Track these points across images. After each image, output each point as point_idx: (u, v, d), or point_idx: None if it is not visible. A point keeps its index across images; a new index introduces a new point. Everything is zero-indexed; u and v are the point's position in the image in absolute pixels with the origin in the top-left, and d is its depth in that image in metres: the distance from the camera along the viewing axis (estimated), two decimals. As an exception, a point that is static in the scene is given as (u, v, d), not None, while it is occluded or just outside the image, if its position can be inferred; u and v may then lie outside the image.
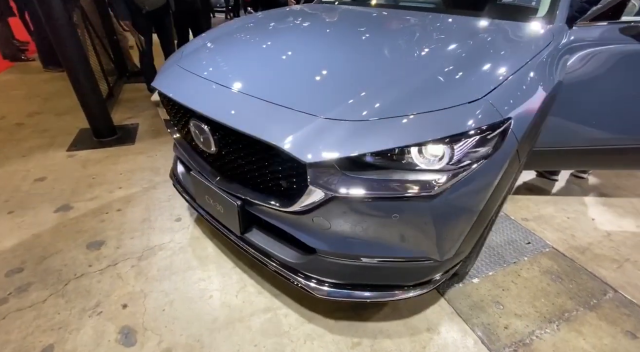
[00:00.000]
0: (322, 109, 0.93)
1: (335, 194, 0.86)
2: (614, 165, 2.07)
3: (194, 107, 1.08)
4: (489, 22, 1.43)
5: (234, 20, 1.87)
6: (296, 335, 1.27)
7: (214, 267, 1.55)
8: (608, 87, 1.58)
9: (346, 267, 1.08)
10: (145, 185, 2.14)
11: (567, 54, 1.40)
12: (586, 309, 1.43)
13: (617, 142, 1.76)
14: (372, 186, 0.85)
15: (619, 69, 1.56)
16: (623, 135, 1.75)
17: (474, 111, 0.87)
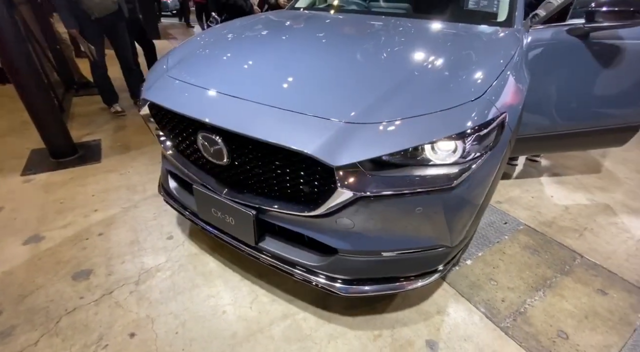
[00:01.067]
0: (340, 114, 0.97)
1: (367, 193, 0.91)
2: (565, 148, 2.37)
3: (207, 120, 1.05)
4: (462, 27, 1.57)
5: (215, 28, 1.83)
6: (319, 337, 1.29)
7: (221, 282, 1.51)
8: (559, 81, 1.83)
9: (368, 263, 1.13)
10: (125, 205, 2.00)
11: (528, 53, 1.59)
12: (562, 275, 1.64)
13: (567, 128, 2.03)
14: (399, 183, 0.91)
15: (567, 65, 1.80)
16: (572, 122, 2.02)
17: (478, 108, 0.98)
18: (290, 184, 1.07)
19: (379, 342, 1.28)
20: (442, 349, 1.26)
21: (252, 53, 1.39)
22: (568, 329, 1.37)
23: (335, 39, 1.52)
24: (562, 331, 1.36)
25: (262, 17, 1.96)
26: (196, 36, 1.72)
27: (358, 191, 0.91)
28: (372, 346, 1.26)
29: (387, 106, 0.98)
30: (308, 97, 1.08)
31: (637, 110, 2.02)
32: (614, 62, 1.82)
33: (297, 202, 1.08)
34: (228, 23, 1.88)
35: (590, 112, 2.01)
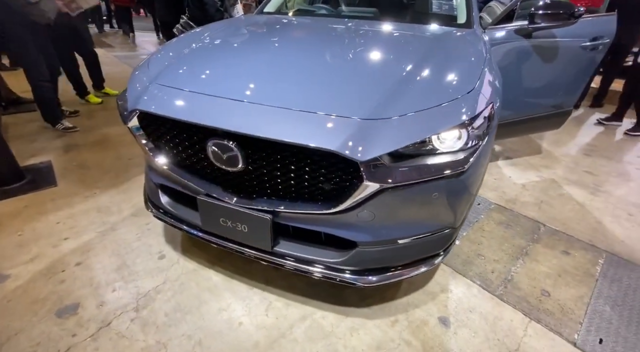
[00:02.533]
0: (355, 111, 1.02)
1: (392, 184, 0.97)
2: (513, 134, 2.70)
3: (222, 127, 1.03)
4: (434, 28, 1.73)
5: (193, 33, 1.76)
6: (341, 331, 1.32)
7: (229, 294, 1.46)
8: (509, 76, 2.08)
9: (385, 252, 1.19)
10: (100, 229, 1.82)
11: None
12: (533, 243, 1.87)
13: (515, 116, 2.32)
14: (419, 172, 0.99)
15: (515, 61, 2.07)
16: (520, 111, 2.32)
17: (473, 99, 1.10)
18: (309, 183, 1.09)
19: (397, 327, 1.35)
20: (454, 323, 1.37)
21: (246, 56, 1.38)
22: (548, 287, 1.57)
23: (326, 41, 1.57)
24: (544, 290, 1.56)
25: (240, 21, 1.94)
26: (175, 42, 1.64)
27: (383, 182, 0.97)
28: (391, 332, 1.32)
29: (396, 102, 1.06)
30: (317, 96, 1.11)
31: (568, 98, 2.39)
32: (551, 57, 2.13)
33: (316, 201, 1.11)
34: (206, 27, 1.82)
35: (534, 102, 2.33)
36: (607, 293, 1.56)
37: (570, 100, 2.39)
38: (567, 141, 3.40)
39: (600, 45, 2.16)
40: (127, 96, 1.30)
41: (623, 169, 2.84)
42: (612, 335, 1.36)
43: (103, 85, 4.12)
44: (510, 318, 1.40)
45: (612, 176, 2.71)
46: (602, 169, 2.82)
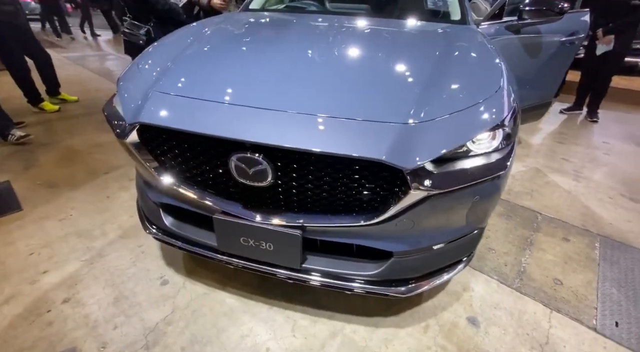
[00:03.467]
0: (393, 116, 0.96)
1: (439, 191, 0.92)
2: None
3: (251, 139, 0.91)
4: (436, 25, 1.71)
5: (186, 30, 1.59)
6: (375, 345, 1.26)
7: (249, 317, 1.34)
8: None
9: (421, 260, 1.15)
10: (85, 256, 1.61)
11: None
12: (535, 232, 1.94)
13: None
14: (464, 176, 0.95)
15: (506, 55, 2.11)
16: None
17: (502, 97, 1.07)
18: (345, 194, 1.01)
19: (429, 332, 1.32)
20: (482, 322, 1.37)
21: (256, 58, 1.26)
22: (559, 275, 1.63)
23: (336, 41, 1.47)
24: (556, 278, 1.61)
25: (233, 19, 1.79)
26: (164, 43, 1.47)
27: (429, 190, 0.91)
28: (425, 339, 1.29)
29: (429, 104, 1.00)
30: (346, 101, 1.03)
31: (550, 90, 2.51)
32: (536, 51, 2.22)
33: (350, 213, 1.03)
34: (194, 25, 1.66)
35: (523, 95, 2.40)
36: (610, 276, 1.65)
37: (551, 91, 2.51)
38: (538, 131, 3.60)
39: (576, 40, 2.29)
40: (122, 106, 1.13)
41: (594, 155, 3.05)
42: (625, 316, 1.43)
43: (59, 91, 3.70)
44: (533, 311, 1.43)
45: (586, 162, 2.90)
46: (576, 155, 3.02)
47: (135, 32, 2.43)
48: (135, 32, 2.44)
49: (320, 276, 1.16)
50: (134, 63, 1.34)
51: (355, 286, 1.15)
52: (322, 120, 0.95)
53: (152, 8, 2.35)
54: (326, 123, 0.94)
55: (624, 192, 2.40)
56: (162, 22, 2.38)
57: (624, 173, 2.71)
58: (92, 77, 5.03)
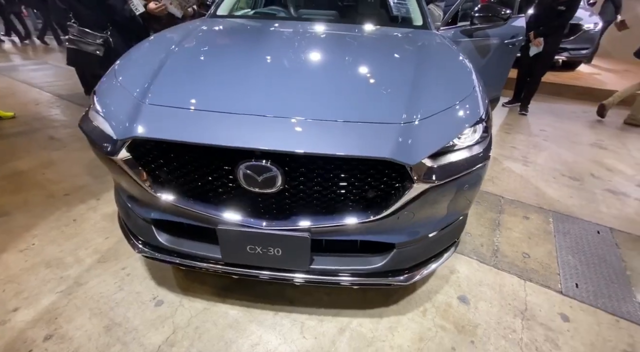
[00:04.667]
0: (391, 117, 1.03)
1: (436, 183, 1.00)
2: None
3: (261, 146, 0.92)
4: (402, 30, 1.83)
5: (161, 37, 1.52)
6: (382, 334, 1.33)
7: (256, 326, 1.33)
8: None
9: (419, 248, 1.24)
10: (60, 287, 1.46)
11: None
12: (501, 214, 2.16)
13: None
14: (457, 167, 1.05)
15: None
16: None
17: (478, 95, 1.21)
18: (351, 194, 1.06)
19: (428, 315, 1.42)
20: (471, 299, 1.51)
21: (245, 66, 1.26)
22: (526, 250, 1.84)
23: (318, 47, 1.52)
24: (524, 252, 1.82)
25: (208, 25, 1.75)
26: (141, 51, 1.40)
27: (430, 182, 1.00)
28: (425, 321, 1.39)
29: (419, 104, 1.09)
30: (343, 105, 1.08)
31: (498, 86, 2.80)
32: (486, 52, 2.47)
33: (356, 211, 1.08)
34: (167, 35, 1.59)
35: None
36: (565, 245, 1.90)
37: (499, 87, 2.81)
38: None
39: (516, 41, 2.59)
40: (109, 122, 1.07)
41: (535, 141, 3.46)
42: (582, 278, 1.67)
43: (-10, 107, 3.28)
44: (510, 283, 1.60)
45: (530, 148, 3.28)
46: (521, 143, 3.40)
47: (89, 41, 2.25)
48: (89, 40, 2.25)
49: (328, 274, 1.20)
50: (110, 75, 1.27)
51: (361, 280, 1.21)
52: (327, 125, 0.99)
53: (115, 16, 2.19)
54: (330, 127, 0.99)
55: (564, 172, 2.77)
56: (121, 31, 2.23)
57: (561, 156, 3.12)
58: (27, 89, 4.51)
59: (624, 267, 1.76)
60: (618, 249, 1.89)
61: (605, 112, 4.12)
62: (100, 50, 2.19)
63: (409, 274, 1.25)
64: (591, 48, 6.04)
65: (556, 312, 1.47)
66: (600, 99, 4.33)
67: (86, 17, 2.26)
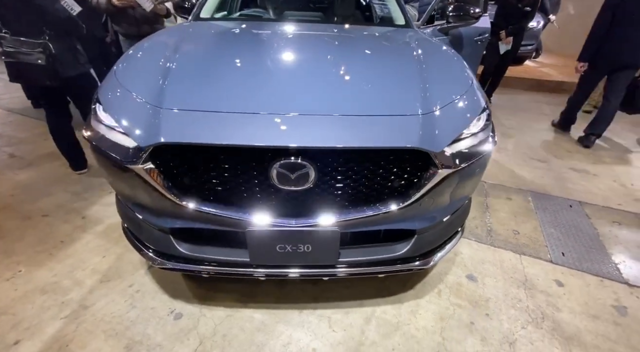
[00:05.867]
0: (410, 109, 1.09)
1: (458, 168, 1.08)
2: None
3: (297, 144, 0.94)
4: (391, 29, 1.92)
5: (155, 39, 1.45)
6: (406, 318, 1.39)
7: (284, 326, 1.33)
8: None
9: (436, 232, 1.32)
10: (63, 313, 1.36)
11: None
12: (487, 197, 2.33)
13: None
14: (473, 153, 1.13)
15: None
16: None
17: (477, 87, 1.31)
18: (378, 184, 1.10)
19: (443, 295, 1.51)
20: (478, 276, 1.62)
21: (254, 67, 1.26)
22: (515, 227, 2.01)
23: (320, 46, 1.55)
24: (514, 229, 1.99)
25: (205, 28, 1.71)
26: (136, 60, 1.34)
27: (451, 168, 1.07)
28: (442, 301, 1.47)
29: (433, 96, 1.17)
30: (364, 100, 1.13)
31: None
32: (459, 49, 2.65)
33: (383, 201, 1.13)
34: (159, 39, 1.53)
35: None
36: (546, 220, 2.10)
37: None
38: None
39: (484, 39, 2.81)
40: (127, 130, 1.02)
41: (503, 130, 3.75)
42: (565, 247, 1.86)
43: None
44: (508, 258, 1.75)
45: (499, 136, 3.54)
46: (490, 132, 3.66)
47: (26, 51, 1.95)
48: (26, 50, 1.95)
49: (355, 266, 1.23)
50: (112, 84, 1.20)
51: (387, 268, 1.26)
52: (354, 120, 1.03)
53: (46, 17, 1.94)
54: (358, 121, 1.03)
55: (532, 156, 3.04)
56: (59, 35, 2.00)
57: (527, 141, 3.42)
58: (-32, 105, 4.04)
59: (597, 234, 1.98)
60: (589, 219, 2.13)
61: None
62: (42, 59, 1.94)
63: (428, 257, 1.32)
64: (535, 44, 6.64)
65: (551, 279, 1.62)
66: (549, 89, 4.79)
67: (16, 23, 1.94)
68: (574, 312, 1.44)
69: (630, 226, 2.07)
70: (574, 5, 7.23)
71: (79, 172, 2.44)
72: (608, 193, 2.44)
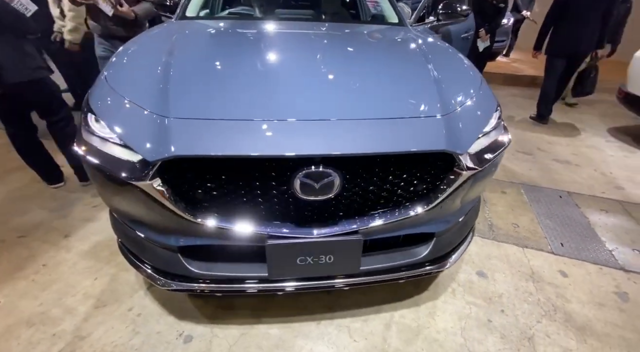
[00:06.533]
0: (431, 110, 1.07)
1: (479, 169, 1.06)
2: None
3: (321, 152, 0.88)
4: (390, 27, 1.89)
5: (146, 46, 1.33)
6: (425, 321, 1.37)
7: (303, 340, 1.27)
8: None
9: (453, 233, 1.30)
10: (58, 347, 1.22)
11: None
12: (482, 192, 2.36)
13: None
14: (492, 151, 1.12)
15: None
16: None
17: (487, 86, 1.31)
18: (401, 189, 1.07)
19: (457, 295, 1.50)
20: (487, 272, 1.63)
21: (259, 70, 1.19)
22: (514, 220, 2.06)
23: (322, 46, 1.48)
24: (514, 223, 2.03)
25: (194, 29, 1.60)
26: (131, 66, 1.22)
27: (474, 168, 1.05)
28: (457, 301, 1.47)
29: (449, 97, 1.15)
30: (379, 103, 1.09)
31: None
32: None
33: (406, 206, 1.10)
34: (149, 43, 1.41)
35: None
36: (541, 211, 2.16)
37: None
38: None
39: (469, 36, 2.86)
40: (132, 143, 0.92)
41: (485, 124, 3.86)
42: (562, 236, 1.92)
43: None
44: (513, 252, 1.78)
45: (483, 131, 3.64)
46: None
47: None
48: None
49: (377, 273, 1.19)
50: (102, 90, 1.09)
51: (408, 273, 1.23)
52: (379, 123, 0.99)
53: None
54: (383, 125, 0.99)
55: (518, 149, 3.14)
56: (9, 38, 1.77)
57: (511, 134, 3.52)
58: None
59: (588, 222, 2.07)
60: (579, 208, 2.22)
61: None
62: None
63: (446, 259, 1.30)
64: (507, 41, 6.91)
65: (555, 270, 1.67)
66: (524, 83, 4.98)
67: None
68: (581, 302, 1.49)
69: (617, 213, 2.18)
70: (545, 2, 7.59)
71: (54, 186, 2.23)
72: (591, 182, 2.56)
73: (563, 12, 3.29)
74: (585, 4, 3.19)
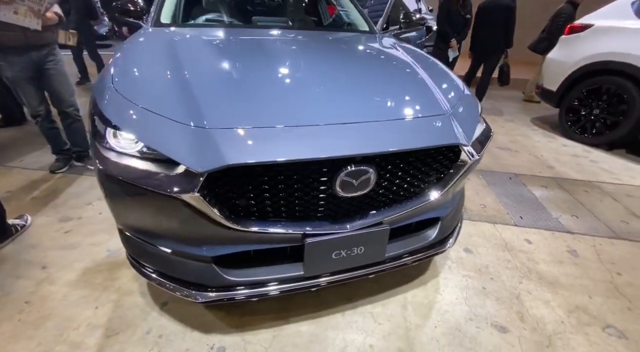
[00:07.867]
0: (435, 109, 1.23)
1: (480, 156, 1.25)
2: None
3: (360, 152, 0.98)
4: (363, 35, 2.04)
5: (139, 49, 1.26)
6: (433, 297, 1.54)
7: (333, 332, 1.34)
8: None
9: (453, 217, 1.49)
10: (75, 384, 1.11)
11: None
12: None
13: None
14: (485, 140, 1.32)
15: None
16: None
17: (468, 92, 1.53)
18: (419, 180, 1.21)
19: (453, 270, 1.71)
20: (471, 248, 1.88)
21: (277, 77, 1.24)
22: (481, 202, 2.36)
23: (315, 53, 1.57)
24: (481, 204, 2.34)
25: (189, 36, 1.56)
26: (142, 79, 1.17)
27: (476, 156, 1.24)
28: (454, 276, 1.67)
29: (447, 94, 1.33)
30: (392, 105, 1.22)
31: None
32: (406, 51, 2.94)
33: (423, 193, 1.24)
34: (146, 50, 1.34)
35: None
36: (499, 192, 2.52)
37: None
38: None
39: (422, 42, 3.18)
40: (178, 156, 0.90)
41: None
42: (520, 211, 2.27)
43: None
44: (487, 229, 2.06)
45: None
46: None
47: None
48: None
49: (398, 259, 1.32)
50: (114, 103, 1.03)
51: (421, 255, 1.38)
52: (403, 124, 1.13)
53: None
54: (397, 125, 1.13)
55: (468, 140, 3.57)
56: None
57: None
58: None
59: (536, 197, 2.47)
60: (526, 186, 2.63)
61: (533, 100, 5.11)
62: None
63: (449, 239, 1.48)
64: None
65: (522, 239, 1.98)
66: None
67: None
68: (546, 262, 1.80)
69: (554, 187, 2.64)
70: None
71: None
72: (529, 165, 3.04)
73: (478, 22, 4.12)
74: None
